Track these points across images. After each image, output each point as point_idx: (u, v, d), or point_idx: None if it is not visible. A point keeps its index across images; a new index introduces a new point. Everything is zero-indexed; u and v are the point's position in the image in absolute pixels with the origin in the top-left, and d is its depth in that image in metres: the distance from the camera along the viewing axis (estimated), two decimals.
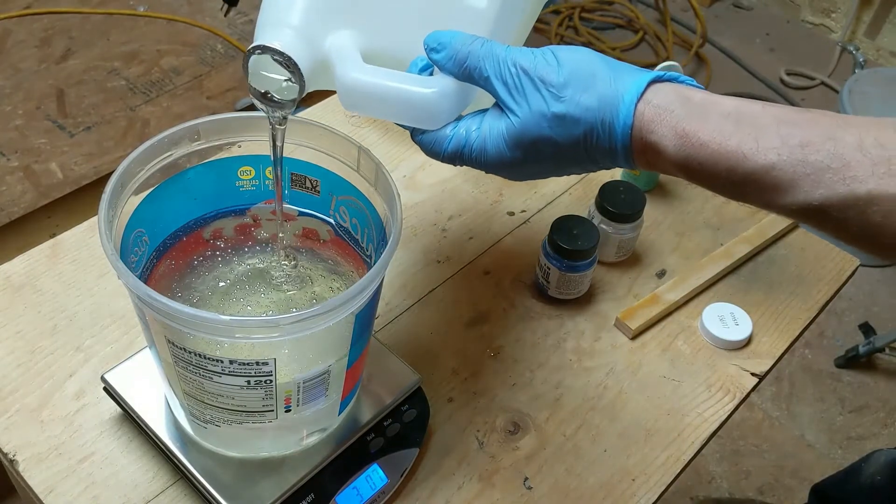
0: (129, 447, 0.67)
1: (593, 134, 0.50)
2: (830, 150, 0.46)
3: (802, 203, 0.47)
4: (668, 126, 0.49)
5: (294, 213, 0.66)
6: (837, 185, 0.45)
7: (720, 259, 0.87)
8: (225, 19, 1.84)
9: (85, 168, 1.59)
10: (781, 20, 2.75)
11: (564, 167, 0.54)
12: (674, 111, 0.49)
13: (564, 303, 0.82)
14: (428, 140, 0.55)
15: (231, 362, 0.52)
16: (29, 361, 0.71)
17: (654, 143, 0.50)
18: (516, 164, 0.53)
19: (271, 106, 0.55)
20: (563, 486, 0.68)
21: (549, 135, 0.51)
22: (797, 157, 0.46)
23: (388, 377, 0.68)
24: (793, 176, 0.46)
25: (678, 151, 0.49)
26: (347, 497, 0.63)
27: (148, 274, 0.61)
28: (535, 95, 0.50)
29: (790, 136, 0.47)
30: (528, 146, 0.52)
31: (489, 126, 0.53)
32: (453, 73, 0.53)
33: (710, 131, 0.48)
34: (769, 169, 0.47)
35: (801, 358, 1.80)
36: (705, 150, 0.48)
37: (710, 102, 0.49)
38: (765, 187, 0.47)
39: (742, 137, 0.47)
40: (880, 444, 1.67)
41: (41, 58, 1.80)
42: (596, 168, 0.54)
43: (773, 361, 0.79)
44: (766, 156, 0.47)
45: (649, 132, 0.49)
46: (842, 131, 0.46)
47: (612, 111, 0.50)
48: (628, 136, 0.50)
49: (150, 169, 0.57)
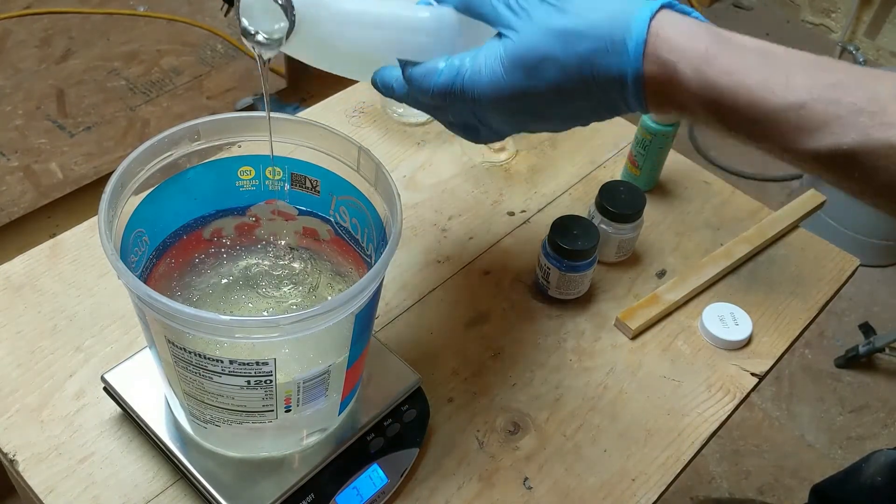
0: (129, 447, 0.67)
1: (601, 54, 0.46)
2: (866, 94, 0.42)
3: (830, 146, 0.43)
4: (688, 47, 0.44)
5: (294, 212, 0.66)
6: (872, 131, 0.42)
7: (720, 259, 0.87)
8: (225, 19, 1.84)
9: (85, 168, 1.59)
10: (781, 20, 2.75)
11: (567, 104, 0.49)
12: (695, 33, 0.45)
13: (564, 303, 0.82)
14: (418, 73, 0.51)
15: (231, 362, 0.52)
16: (29, 361, 0.71)
17: (671, 65, 0.45)
18: (513, 93, 0.49)
19: (258, 45, 0.54)
20: (563, 486, 0.69)
21: (551, 53, 0.47)
22: (830, 96, 0.42)
23: (388, 377, 0.68)
24: (824, 116, 0.42)
25: (697, 76, 0.44)
26: (347, 497, 0.63)
27: (148, 274, 0.61)
28: (537, 9, 0.47)
29: (822, 76, 0.43)
30: (528, 67, 0.47)
31: (486, 50, 0.49)
32: (454, 5, 0.51)
33: (736, 60, 0.44)
34: (798, 107, 0.43)
35: (801, 358, 1.80)
36: (728, 78, 0.44)
37: (732, 35, 0.46)
38: (790, 127, 0.43)
39: (769, 71, 0.44)
40: (880, 444, 1.67)
41: (41, 58, 1.80)
42: (602, 110, 0.49)
43: (773, 361, 0.79)
44: (797, 93, 0.43)
45: (666, 51, 0.45)
46: (874, 80, 0.43)
47: (623, 27, 0.45)
48: (640, 57, 0.45)
49: (150, 169, 0.57)
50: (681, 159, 0.99)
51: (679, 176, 0.96)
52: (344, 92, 1.01)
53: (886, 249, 1.97)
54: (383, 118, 0.98)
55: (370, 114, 0.99)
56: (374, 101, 1.00)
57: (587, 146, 0.99)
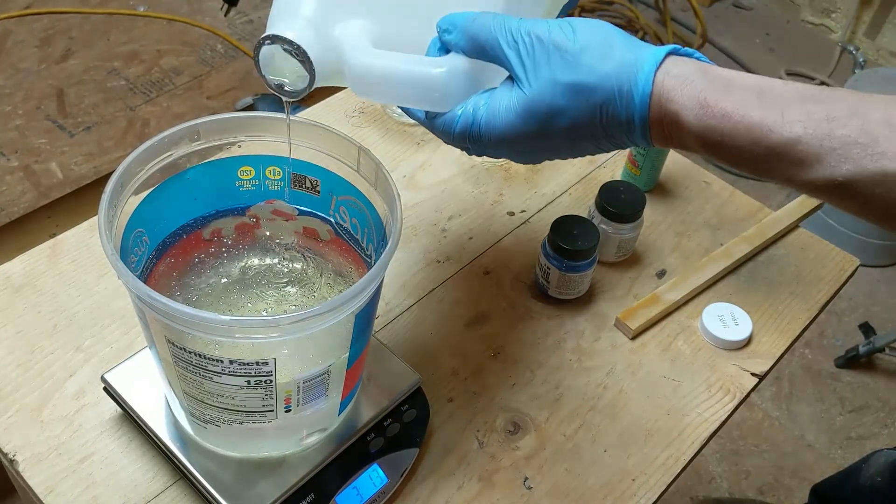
0: (129, 447, 0.67)
1: (610, 104, 0.49)
2: (857, 125, 0.44)
3: (828, 178, 0.45)
4: (689, 95, 0.47)
5: (294, 212, 0.66)
6: (865, 161, 0.44)
7: (720, 259, 0.87)
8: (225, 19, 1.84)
9: (85, 168, 1.59)
10: (781, 20, 2.75)
11: (577, 144, 0.52)
12: (694, 81, 0.47)
13: (564, 303, 0.82)
14: (440, 123, 0.53)
15: (231, 362, 0.52)
16: (29, 361, 0.71)
17: (674, 113, 0.48)
18: (527, 137, 0.51)
19: (283, 95, 0.56)
20: (563, 486, 0.68)
21: (562, 104, 0.49)
22: (823, 130, 0.45)
23: (388, 377, 0.68)
24: (819, 150, 0.45)
25: (699, 122, 0.47)
26: (347, 497, 0.63)
27: (148, 274, 0.61)
28: (548, 63, 0.49)
29: (815, 110, 0.45)
30: (540, 117, 0.50)
31: (499, 98, 0.51)
32: (465, 51, 0.52)
33: (733, 102, 0.47)
34: (794, 142, 0.45)
35: (801, 358, 1.80)
36: (728, 121, 0.47)
37: (731, 76, 0.48)
38: (789, 161, 0.46)
39: (766, 110, 0.46)
40: (880, 444, 1.67)
41: (41, 58, 1.80)
42: (609, 146, 0.52)
43: (773, 361, 0.79)
44: (792, 128, 0.45)
45: (669, 101, 0.48)
46: (867, 107, 0.45)
47: (631, 79, 0.48)
48: (646, 106, 0.48)
49: (150, 169, 0.58)
50: (681, 159, 0.98)
51: (679, 176, 0.96)
52: (344, 92, 1.01)
53: (886, 249, 1.97)
54: (383, 118, 0.98)
55: (370, 114, 0.99)
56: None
57: None
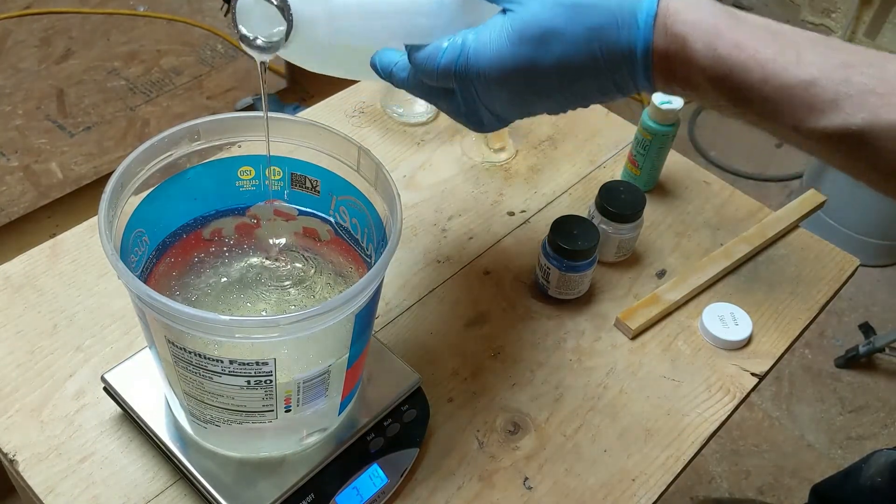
0: (129, 447, 0.67)
1: (609, 28, 0.45)
2: (876, 74, 0.42)
3: (840, 126, 0.43)
4: (699, 20, 0.44)
5: (294, 212, 0.66)
6: (882, 111, 0.42)
7: (720, 259, 0.87)
8: (225, 19, 1.84)
9: (85, 168, 1.59)
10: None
11: (572, 84, 0.48)
12: (703, 8, 0.44)
13: (564, 303, 0.82)
14: (423, 56, 0.50)
15: (231, 362, 0.52)
16: (29, 361, 0.71)
17: (682, 38, 0.44)
18: (519, 67, 0.47)
19: (256, 50, 0.54)
20: (563, 486, 0.69)
21: (557, 25, 0.45)
22: (840, 76, 0.42)
23: (388, 377, 0.68)
24: (834, 95, 0.42)
25: (707, 50, 0.44)
26: (347, 497, 0.63)
27: (148, 274, 0.61)
28: None
29: (831, 55, 0.43)
30: (534, 40, 0.46)
31: (490, 26, 0.48)
32: None
33: (746, 35, 0.44)
34: (809, 84, 0.43)
35: (801, 358, 1.80)
36: (740, 53, 0.44)
37: (741, 12, 0.45)
38: (801, 105, 0.43)
39: (780, 48, 0.43)
40: (880, 444, 1.67)
41: (41, 58, 1.80)
42: (606, 86, 0.48)
43: (773, 361, 0.79)
44: (807, 69, 0.43)
45: (676, 23, 0.44)
46: (883, 59, 0.43)
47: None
48: (650, 29, 0.44)
49: (150, 169, 0.58)
50: (681, 159, 0.99)
51: (679, 176, 0.96)
52: (344, 92, 1.01)
53: (886, 249, 1.97)
54: (383, 118, 0.98)
55: (370, 114, 0.99)
56: (374, 101, 1.00)
57: (587, 146, 0.99)
